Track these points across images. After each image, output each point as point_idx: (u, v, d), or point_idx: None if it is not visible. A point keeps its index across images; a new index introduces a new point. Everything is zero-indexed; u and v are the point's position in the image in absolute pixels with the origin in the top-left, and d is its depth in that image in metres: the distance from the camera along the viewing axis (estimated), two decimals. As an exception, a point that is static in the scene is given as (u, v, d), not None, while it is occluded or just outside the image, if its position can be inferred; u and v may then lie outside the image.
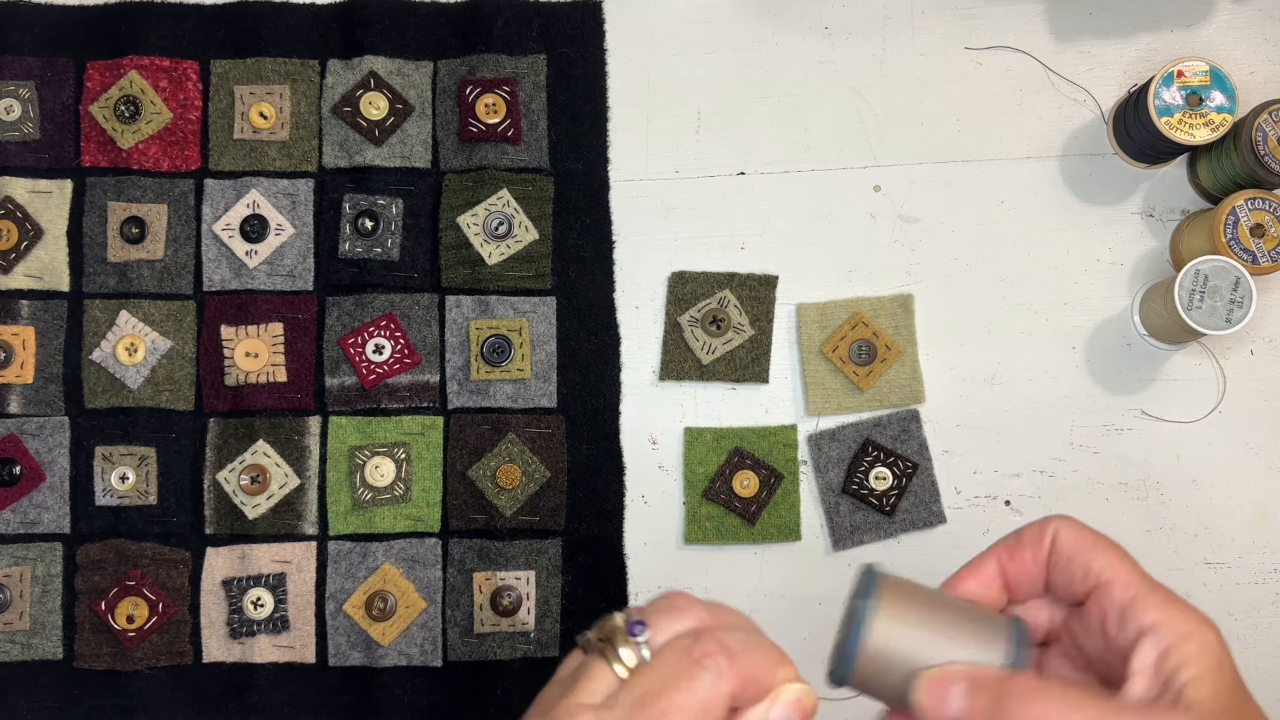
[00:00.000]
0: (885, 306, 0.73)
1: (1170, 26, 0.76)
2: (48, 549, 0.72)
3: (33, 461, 0.72)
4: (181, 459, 0.72)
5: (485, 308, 0.73)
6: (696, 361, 0.73)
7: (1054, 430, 0.72)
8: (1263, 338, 0.73)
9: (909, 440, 0.72)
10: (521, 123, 0.74)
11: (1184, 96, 0.69)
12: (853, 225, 0.74)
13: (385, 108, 0.74)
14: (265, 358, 0.73)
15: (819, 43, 0.76)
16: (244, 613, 0.71)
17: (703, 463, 0.72)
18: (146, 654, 0.70)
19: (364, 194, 0.74)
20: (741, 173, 0.75)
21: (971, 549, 0.73)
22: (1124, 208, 0.74)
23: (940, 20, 0.76)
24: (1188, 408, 0.72)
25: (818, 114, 0.75)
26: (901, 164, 0.75)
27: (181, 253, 0.74)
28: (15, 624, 0.71)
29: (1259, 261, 0.68)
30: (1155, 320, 0.71)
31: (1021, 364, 0.73)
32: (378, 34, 0.75)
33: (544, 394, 0.73)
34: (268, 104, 0.74)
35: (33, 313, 0.73)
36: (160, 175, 0.74)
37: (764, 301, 0.73)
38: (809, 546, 0.72)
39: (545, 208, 0.74)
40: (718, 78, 0.76)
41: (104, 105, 0.74)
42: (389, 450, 0.72)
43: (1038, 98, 0.75)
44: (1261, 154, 0.67)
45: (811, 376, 0.72)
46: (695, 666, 0.35)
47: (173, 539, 0.72)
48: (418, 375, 0.73)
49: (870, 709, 0.43)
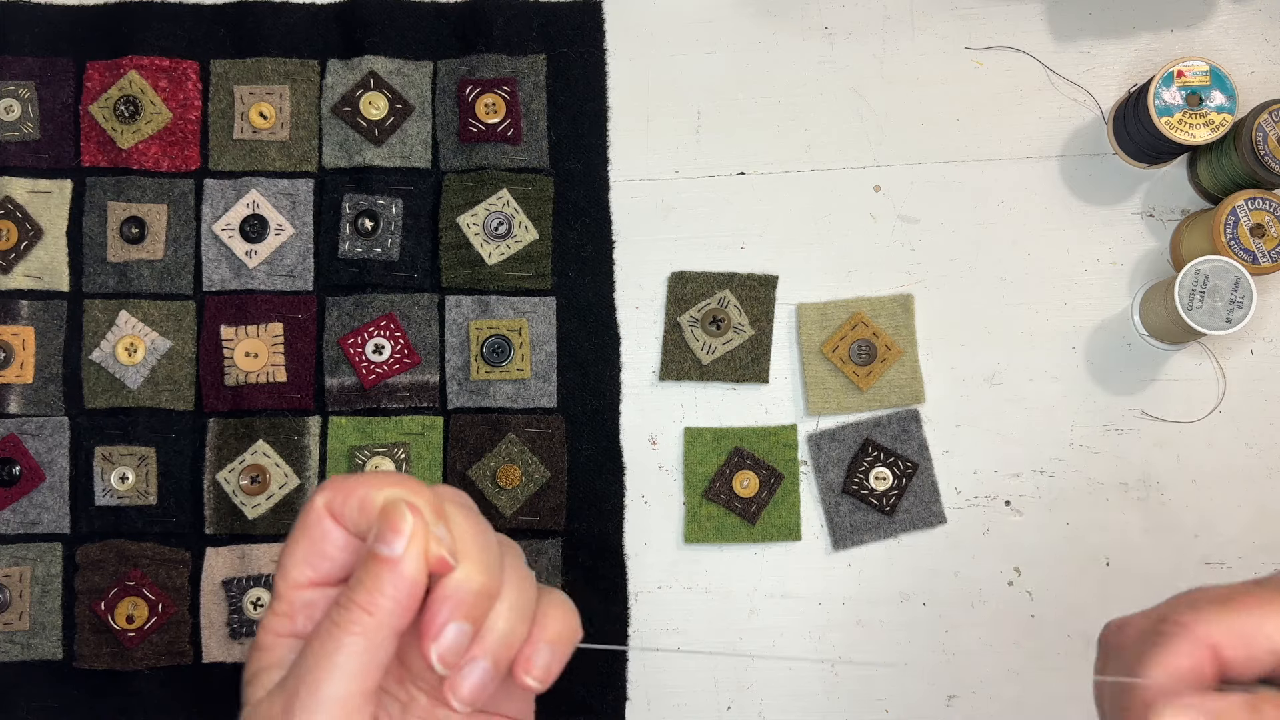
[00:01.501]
0: (885, 306, 0.73)
1: (1170, 26, 0.76)
2: (47, 549, 0.72)
3: (32, 461, 0.72)
4: (181, 459, 0.72)
5: (485, 308, 0.73)
6: (696, 361, 0.73)
7: (1054, 430, 0.72)
8: (1263, 338, 0.73)
9: (909, 440, 0.72)
10: (521, 123, 0.74)
11: (1184, 96, 0.69)
12: (853, 225, 0.74)
13: (385, 108, 0.74)
14: (265, 358, 0.73)
15: (819, 43, 0.76)
16: (244, 613, 0.71)
17: (703, 463, 0.72)
18: (146, 654, 0.70)
19: (364, 194, 0.74)
20: (741, 173, 0.75)
21: (971, 549, 0.73)
22: (1124, 208, 0.74)
23: (940, 20, 0.76)
24: (1188, 408, 0.72)
25: (818, 114, 0.75)
26: (901, 164, 0.75)
27: (181, 253, 0.74)
28: (15, 624, 0.71)
29: (1259, 261, 0.68)
30: (1155, 320, 0.71)
31: (1021, 364, 0.73)
32: (378, 34, 0.75)
33: (544, 394, 0.73)
34: (268, 104, 0.74)
35: (32, 313, 0.73)
36: (160, 175, 0.74)
37: (764, 301, 0.73)
38: (809, 546, 0.72)
39: (545, 208, 0.74)
40: (718, 78, 0.75)
41: (104, 105, 0.74)
42: (389, 450, 0.72)
43: (1038, 98, 0.75)
44: (1261, 154, 0.67)
45: (811, 376, 0.72)
46: None
47: (173, 539, 0.72)
48: (418, 375, 0.73)
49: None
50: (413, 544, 0.34)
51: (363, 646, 0.34)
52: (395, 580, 0.34)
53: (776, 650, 0.71)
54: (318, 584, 0.37)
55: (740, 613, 0.71)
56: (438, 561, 0.35)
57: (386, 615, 0.34)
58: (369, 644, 0.34)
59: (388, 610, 0.34)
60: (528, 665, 0.37)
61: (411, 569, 0.34)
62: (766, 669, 0.71)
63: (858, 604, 0.71)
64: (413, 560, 0.34)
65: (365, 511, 0.36)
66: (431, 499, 0.36)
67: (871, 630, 0.71)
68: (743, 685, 0.71)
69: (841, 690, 0.71)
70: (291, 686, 0.34)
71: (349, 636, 0.34)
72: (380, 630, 0.34)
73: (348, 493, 0.36)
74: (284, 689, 0.35)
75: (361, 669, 0.34)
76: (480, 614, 0.36)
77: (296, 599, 0.37)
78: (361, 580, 0.35)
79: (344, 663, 0.34)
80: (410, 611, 0.35)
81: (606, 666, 0.71)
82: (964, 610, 0.71)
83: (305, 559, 0.37)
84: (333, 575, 0.37)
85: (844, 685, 0.71)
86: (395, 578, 0.34)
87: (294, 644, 0.37)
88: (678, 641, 0.71)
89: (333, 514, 0.36)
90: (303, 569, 0.37)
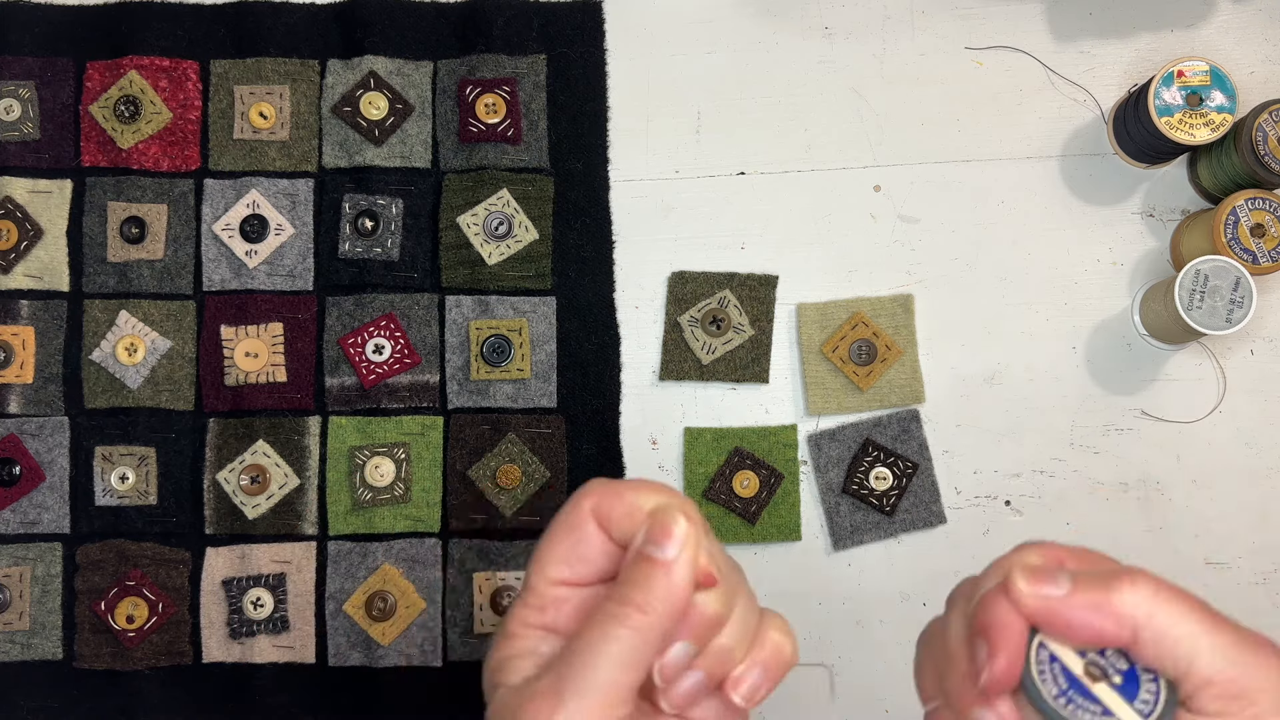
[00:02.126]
0: (885, 306, 0.73)
1: (1170, 26, 0.76)
2: (47, 549, 0.72)
3: (32, 461, 0.72)
4: (181, 459, 0.72)
5: (485, 308, 0.73)
6: (696, 361, 0.73)
7: (1054, 430, 0.72)
8: (1263, 338, 0.73)
9: (909, 440, 0.72)
10: (521, 123, 0.74)
11: (1184, 96, 0.69)
12: (853, 225, 0.74)
13: (385, 108, 0.74)
14: (265, 358, 0.73)
15: (819, 43, 0.76)
16: (244, 613, 0.71)
17: (703, 463, 0.72)
18: (146, 654, 0.70)
19: (364, 194, 0.74)
20: (741, 173, 0.75)
21: (971, 549, 0.73)
22: (1124, 208, 0.74)
23: (940, 20, 0.76)
24: (1188, 408, 0.72)
25: (818, 114, 0.75)
26: (901, 164, 0.75)
27: (181, 253, 0.74)
28: (15, 624, 0.71)
29: (1259, 261, 0.68)
30: (1155, 320, 0.71)
31: (1021, 364, 0.73)
32: (378, 34, 0.75)
33: (544, 394, 0.73)
34: (268, 104, 0.74)
35: (33, 313, 0.73)
36: (160, 175, 0.74)
37: (764, 301, 0.73)
38: (809, 546, 0.72)
39: (545, 208, 0.74)
40: (718, 78, 0.75)
41: (104, 105, 0.74)
42: (389, 450, 0.72)
43: (1038, 98, 0.75)
44: (1261, 154, 0.67)
45: (811, 376, 0.72)
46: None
47: (173, 539, 0.72)
48: (417, 375, 0.73)
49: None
50: (685, 550, 0.36)
51: (635, 641, 0.35)
52: (668, 583, 0.36)
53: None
54: (571, 584, 0.38)
55: (740, 613, 0.71)
56: (704, 574, 0.36)
57: (658, 616, 0.36)
58: (641, 640, 0.36)
59: (659, 611, 0.36)
60: (738, 684, 0.38)
61: (683, 575, 0.36)
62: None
63: (858, 604, 0.71)
64: (684, 566, 0.36)
65: (632, 518, 0.37)
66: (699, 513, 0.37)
67: (871, 630, 0.71)
68: (743, 685, 0.71)
69: (842, 690, 0.71)
70: (561, 669, 0.36)
71: (623, 629, 0.35)
72: (652, 630, 0.36)
73: (615, 498, 0.37)
74: (554, 672, 0.36)
75: (631, 662, 0.35)
76: (709, 639, 0.37)
77: (549, 594, 0.38)
78: (634, 579, 0.36)
79: (616, 653, 0.35)
80: (678, 616, 0.36)
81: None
82: (964, 610, 0.71)
83: (564, 558, 0.38)
84: (587, 577, 0.39)
85: (844, 685, 0.71)
86: (668, 580, 0.36)
87: (542, 636, 0.38)
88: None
89: (598, 518, 0.38)
90: (560, 567, 0.38)
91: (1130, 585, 0.34)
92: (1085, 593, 0.34)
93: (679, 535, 0.36)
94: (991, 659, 0.35)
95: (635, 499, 0.37)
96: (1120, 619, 0.34)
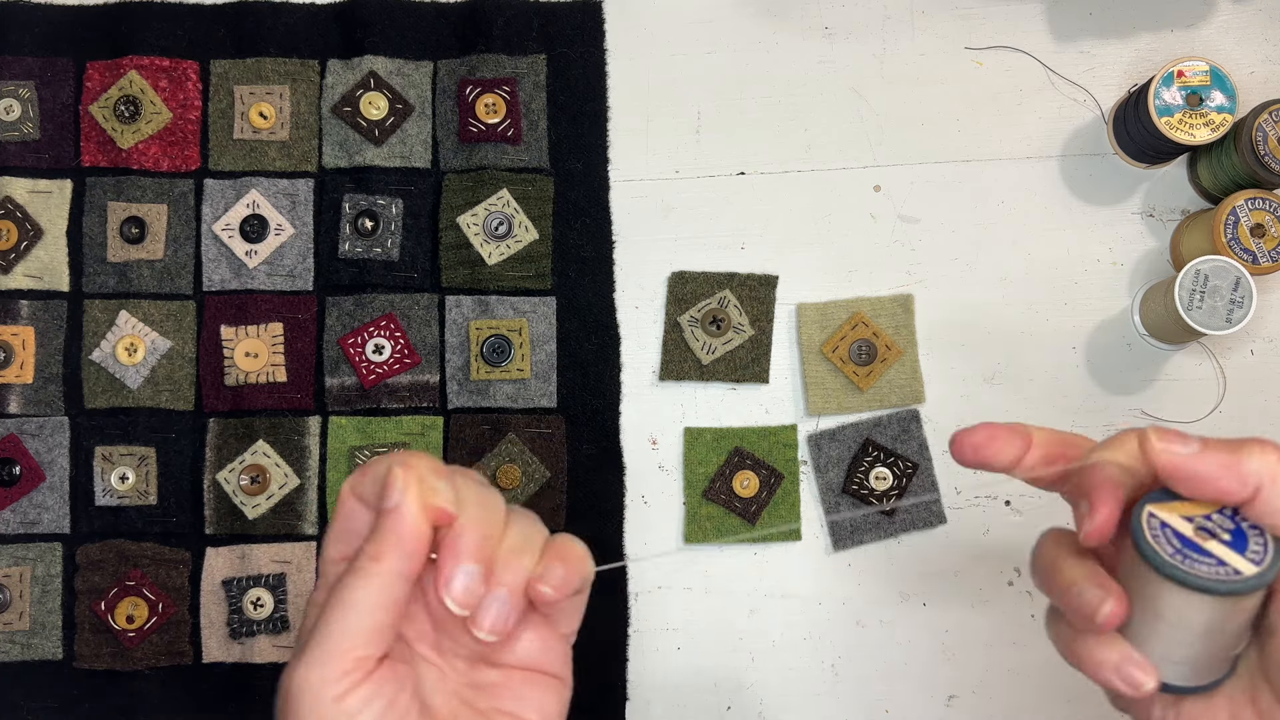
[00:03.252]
0: (885, 306, 0.73)
1: (1170, 26, 0.76)
2: (47, 549, 0.72)
3: (32, 461, 0.72)
4: (181, 459, 0.72)
5: (485, 308, 0.73)
6: (696, 361, 0.73)
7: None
8: (1263, 338, 0.73)
9: (909, 440, 0.72)
10: (521, 123, 0.74)
11: (1184, 96, 0.69)
12: (853, 225, 0.74)
13: (385, 108, 0.74)
14: (265, 358, 0.73)
15: (819, 43, 0.76)
16: (244, 613, 0.71)
17: (703, 463, 0.72)
18: (146, 654, 0.70)
19: (364, 194, 0.74)
20: (741, 173, 0.75)
21: (971, 549, 0.73)
22: (1124, 208, 0.74)
23: (940, 20, 0.76)
24: (1188, 408, 0.72)
25: (818, 114, 0.75)
26: (901, 164, 0.75)
27: (181, 253, 0.74)
28: (15, 624, 0.71)
29: (1259, 261, 0.68)
30: (1155, 320, 0.71)
31: (1021, 364, 0.73)
32: (378, 34, 0.75)
33: (544, 394, 0.73)
34: (268, 104, 0.74)
35: (32, 313, 0.73)
36: (160, 175, 0.74)
37: (764, 301, 0.73)
38: (809, 546, 0.72)
39: (545, 208, 0.74)
40: (718, 78, 0.76)
41: (104, 105, 0.74)
42: (389, 451, 0.72)
43: (1038, 98, 0.75)
44: (1261, 154, 0.67)
45: (811, 376, 0.72)
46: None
47: (173, 539, 0.72)
48: (418, 375, 0.73)
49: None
50: (408, 493, 0.38)
51: (371, 586, 0.38)
52: (396, 526, 0.38)
53: (775, 648, 0.71)
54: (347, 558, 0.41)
55: (740, 613, 0.71)
56: (438, 512, 0.38)
57: (392, 560, 0.38)
58: (377, 584, 0.38)
59: (392, 555, 0.38)
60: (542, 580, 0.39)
61: (410, 513, 0.38)
62: (766, 669, 0.71)
63: (858, 604, 0.71)
64: (411, 506, 0.38)
65: (375, 485, 0.39)
66: (431, 461, 0.39)
67: (871, 630, 0.71)
68: (743, 685, 0.71)
69: (842, 690, 0.71)
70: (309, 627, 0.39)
71: (359, 578, 0.38)
72: (387, 573, 0.38)
73: (363, 474, 0.40)
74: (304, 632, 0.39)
75: (371, 605, 0.38)
76: (486, 555, 0.39)
77: (332, 571, 0.41)
78: (371, 535, 0.39)
79: (353, 600, 0.38)
80: (416, 556, 0.38)
81: (606, 666, 0.71)
82: (964, 610, 0.71)
83: (337, 536, 0.41)
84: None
85: (844, 685, 0.71)
86: (395, 523, 0.38)
87: None
88: (678, 642, 0.71)
89: (356, 496, 0.40)
90: (337, 545, 0.41)
91: (1260, 450, 0.37)
92: (1215, 453, 0.37)
93: (397, 483, 0.38)
94: (1093, 512, 0.39)
95: (377, 469, 0.40)
96: (1245, 478, 0.37)
